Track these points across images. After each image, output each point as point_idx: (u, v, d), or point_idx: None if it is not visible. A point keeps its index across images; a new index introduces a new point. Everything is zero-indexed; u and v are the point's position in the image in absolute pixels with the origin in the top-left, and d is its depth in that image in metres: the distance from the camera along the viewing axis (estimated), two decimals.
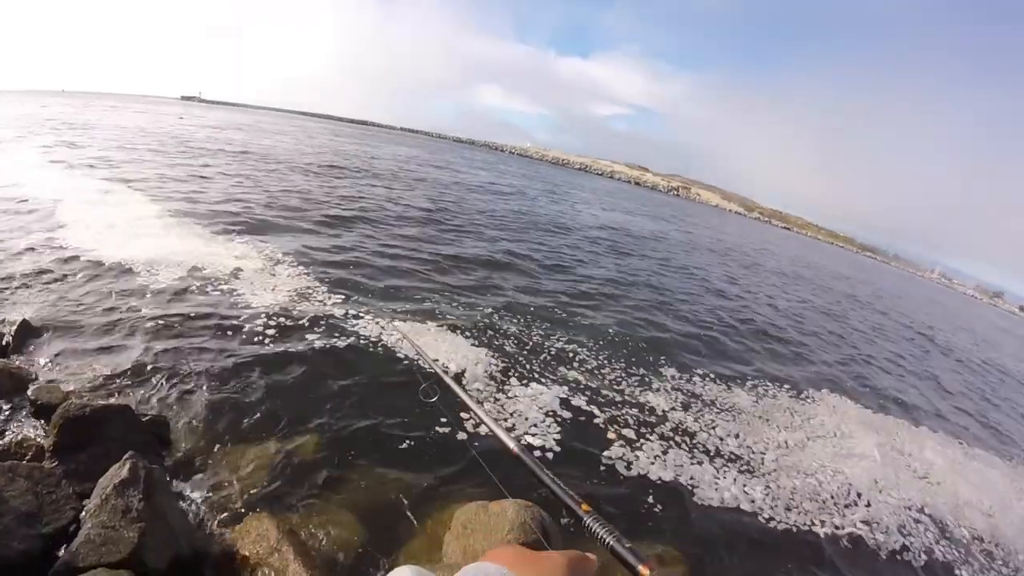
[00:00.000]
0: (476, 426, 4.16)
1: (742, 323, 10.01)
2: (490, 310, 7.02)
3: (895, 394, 8.40)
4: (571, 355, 6.11)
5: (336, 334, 5.25)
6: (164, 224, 8.06)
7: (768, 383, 6.97)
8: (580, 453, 4.28)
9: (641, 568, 0.61)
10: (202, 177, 13.18)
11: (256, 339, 4.89)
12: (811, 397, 6.95)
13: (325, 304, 5.92)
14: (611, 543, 0.70)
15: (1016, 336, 32.62)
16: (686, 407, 5.52)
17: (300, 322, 5.36)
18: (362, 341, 5.23)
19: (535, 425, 4.45)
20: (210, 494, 3.09)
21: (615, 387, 5.59)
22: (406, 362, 5.02)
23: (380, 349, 5.21)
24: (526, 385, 5.09)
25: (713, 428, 5.22)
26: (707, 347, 7.88)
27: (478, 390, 4.78)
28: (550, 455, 4.11)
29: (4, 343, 4.13)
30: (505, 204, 19.96)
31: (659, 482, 4.14)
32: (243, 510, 3.00)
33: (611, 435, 4.60)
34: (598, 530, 0.72)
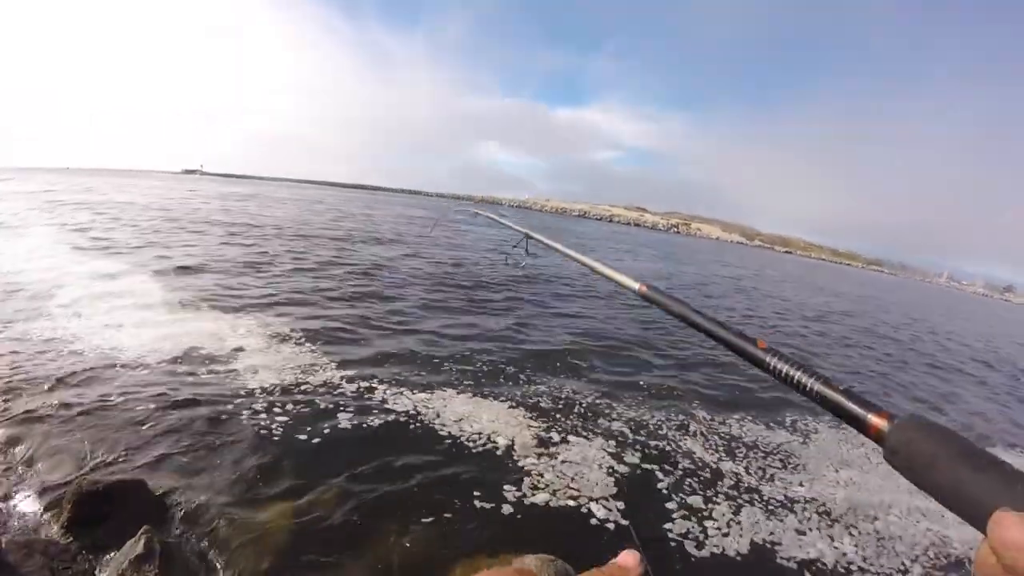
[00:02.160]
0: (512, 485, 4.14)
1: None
2: (513, 368, 7.04)
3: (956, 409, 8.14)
4: (606, 409, 6.06)
5: (361, 409, 5.21)
6: (173, 301, 8.14)
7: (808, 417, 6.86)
8: (647, 528, 4.02)
9: (872, 418, 0.44)
10: (220, 257, 13.40)
11: (266, 413, 4.86)
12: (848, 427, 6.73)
13: (335, 376, 5.88)
14: (823, 391, 0.51)
15: None
16: (731, 454, 5.40)
17: (311, 396, 5.32)
18: (389, 416, 5.18)
19: (595, 499, 4.21)
20: (226, 568, 3.04)
21: (659, 437, 5.50)
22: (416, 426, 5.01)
23: (410, 420, 5.22)
24: (570, 446, 5.00)
25: (768, 476, 5.08)
26: (734, 388, 7.77)
27: (526, 457, 4.69)
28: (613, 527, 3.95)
29: (6, 423, 4.15)
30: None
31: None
32: None
33: (671, 505, 4.37)
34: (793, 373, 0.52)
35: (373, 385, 5.76)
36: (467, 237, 26.56)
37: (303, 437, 4.52)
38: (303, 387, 5.46)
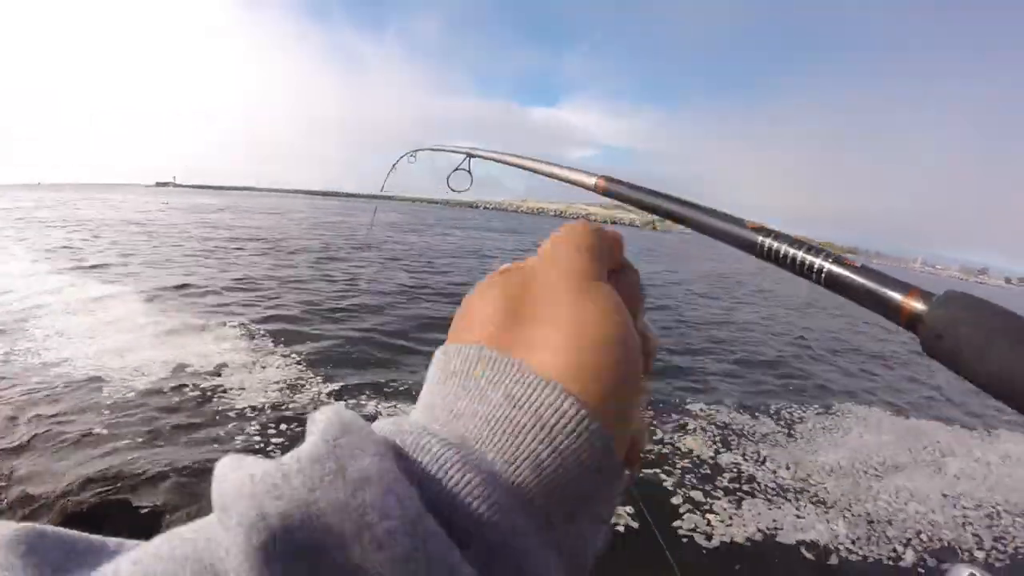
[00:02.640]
0: None
1: (732, 349, 10.05)
2: None
3: (918, 396, 8.42)
4: None
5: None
6: (154, 319, 8.01)
7: (793, 404, 6.99)
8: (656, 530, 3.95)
9: (903, 299, 0.34)
10: (200, 266, 13.22)
11: (257, 432, 4.78)
12: (838, 411, 6.96)
13: (322, 391, 5.81)
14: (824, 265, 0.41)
15: (1017, 307, 32.64)
16: (727, 444, 5.47)
17: (299, 411, 5.26)
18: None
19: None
20: None
21: (657, 432, 5.53)
22: None
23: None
24: None
25: (763, 463, 5.16)
26: (727, 376, 7.88)
27: None
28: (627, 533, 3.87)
29: None
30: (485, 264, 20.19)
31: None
32: None
33: (676, 500, 4.39)
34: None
35: (362, 400, 5.74)
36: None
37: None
38: (291, 405, 5.39)
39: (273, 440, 4.66)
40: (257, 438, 4.68)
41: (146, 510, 3.41)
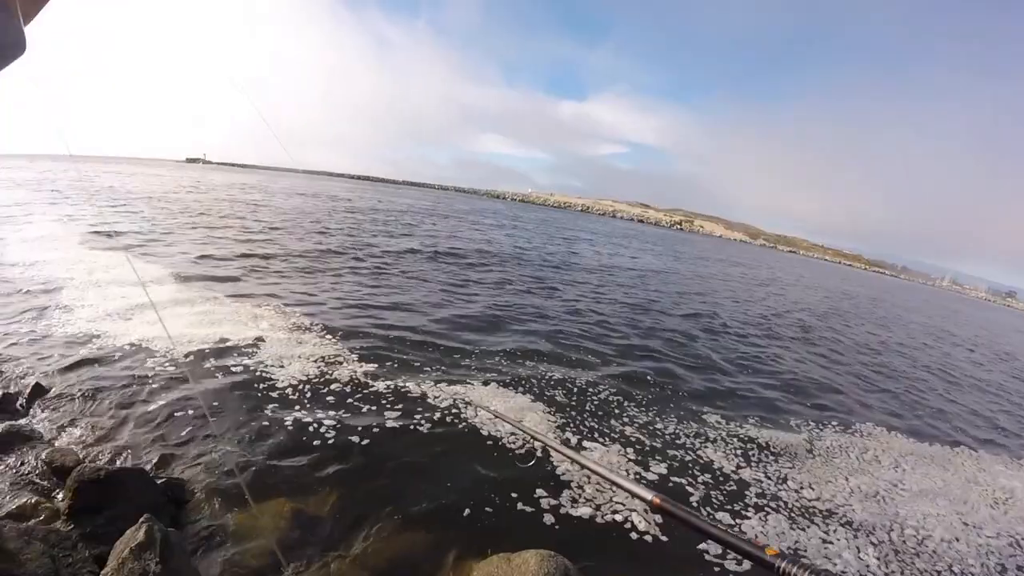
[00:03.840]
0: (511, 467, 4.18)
1: (771, 366, 9.89)
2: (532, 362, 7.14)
3: (942, 420, 8.17)
4: (618, 407, 6.08)
5: (371, 402, 5.21)
6: (186, 289, 8.21)
7: (810, 421, 6.88)
8: (681, 545, 3.87)
9: None
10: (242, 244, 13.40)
11: (278, 404, 4.87)
12: (858, 431, 6.83)
13: (356, 370, 5.86)
14: None
15: None
16: (748, 459, 5.37)
17: (329, 386, 5.34)
18: (404, 407, 5.20)
19: (624, 516, 4.06)
20: (226, 557, 3.05)
21: (677, 444, 5.44)
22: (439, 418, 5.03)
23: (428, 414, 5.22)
24: (591, 450, 4.98)
25: (785, 481, 5.06)
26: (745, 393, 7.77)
27: (562, 462, 4.58)
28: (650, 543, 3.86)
29: (17, 406, 4.17)
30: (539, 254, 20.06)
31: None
32: (259, 574, 2.97)
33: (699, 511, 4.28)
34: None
35: (400, 380, 5.76)
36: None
37: (321, 431, 4.51)
38: (325, 380, 5.45)
39: (296, 413, 4.71)
40: (283, 411, 4.74)
41: (162, 480, 3.44)
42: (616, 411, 5.93)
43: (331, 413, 4.82)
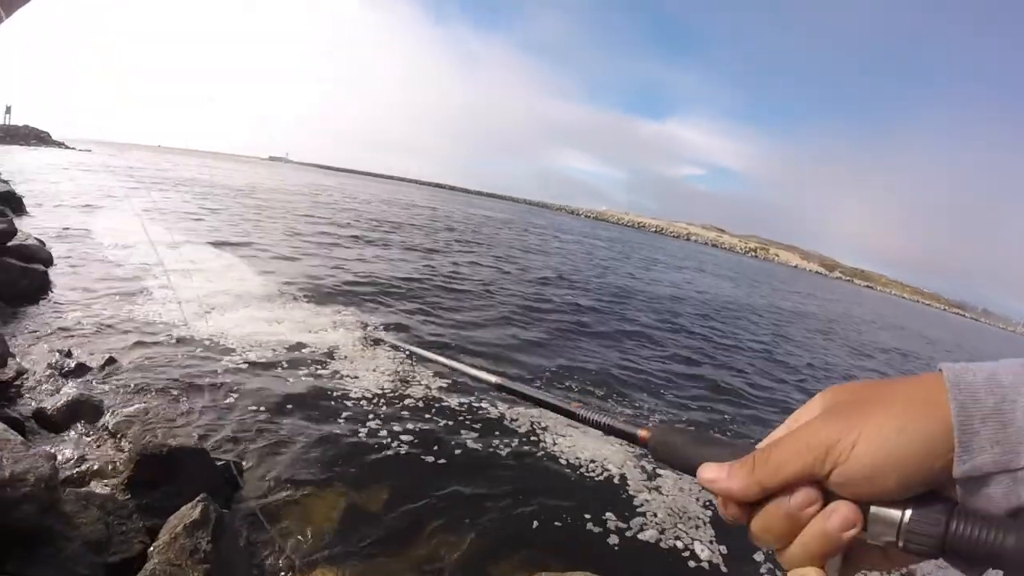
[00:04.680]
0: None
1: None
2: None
3: None
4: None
5: (447, 416, 5.09)
6: (271, 292, 8.40)
7: None
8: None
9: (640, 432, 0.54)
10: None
11: (351, 410, 4.82)
12: None
13: (430, 385, 5.71)
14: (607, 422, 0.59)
15: None
16: None
17: (404, 400, 5.23)
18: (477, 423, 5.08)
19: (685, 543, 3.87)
20: (276, 545, 3.01)
21: None
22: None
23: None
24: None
25: None
26: None
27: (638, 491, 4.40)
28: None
29: (90, 377, 4.33)
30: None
31: None
32: (307, 565, 2.92)
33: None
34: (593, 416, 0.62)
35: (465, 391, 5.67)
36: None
37: (388, 437, 4.45)
38: (400, 395, 5.35)
39: (363, 405, 4.69)
40: (350, 412, 4.73)
41: (221, 463, 3.46)
42: None
43: (407, 426, 4.71)
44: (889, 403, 0.40)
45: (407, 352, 3.94)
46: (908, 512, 0.38)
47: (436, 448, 4.41)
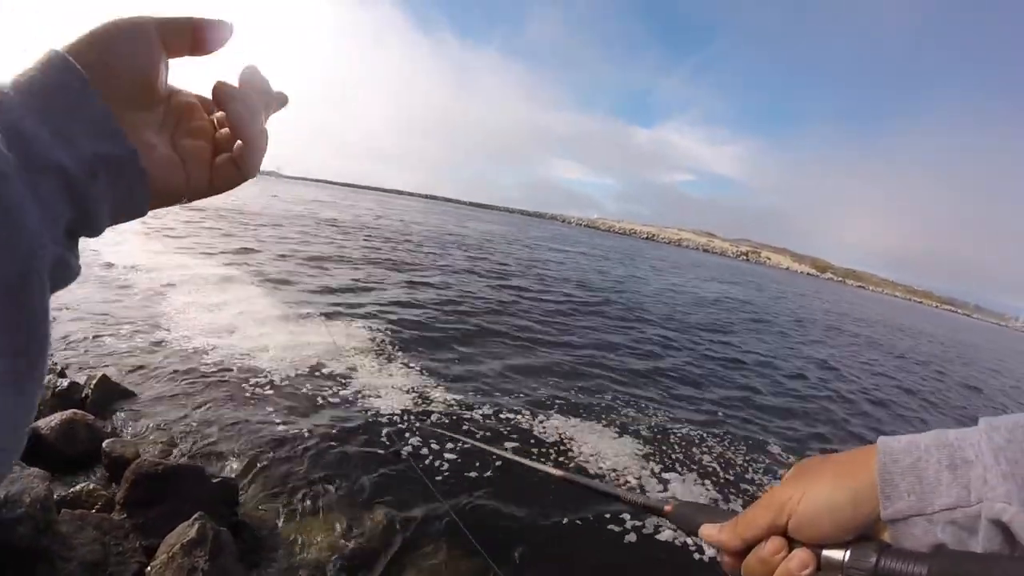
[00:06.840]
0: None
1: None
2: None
3: None
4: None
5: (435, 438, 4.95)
6: (287, 310, 8.35)
7: None
8: None
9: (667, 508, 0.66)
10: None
11: (343, 425, 4.79)
12: None
13: (447, 402, 5.71)
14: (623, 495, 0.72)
15: None
16: None
17: (406, 417, 5.20)
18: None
19: None
20: (275, 563, 3.00)
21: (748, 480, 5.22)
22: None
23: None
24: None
25: None
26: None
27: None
28: None
29: (84, 395, 4.31)
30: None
31: None
32: None
33: None
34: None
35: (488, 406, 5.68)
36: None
37: (390, 456, 4.43)
38: (404, 409, 5.33)
39: (365, 423, 4.68)
40: (361, 434, 4.71)
41: (218, 480, 3.44)
42: None
43: (410, 444, 4.67)
44: (829, 468, 0.52)
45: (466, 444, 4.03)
46: (847, 552, 0.48)
47: (441, 467, 4.39)
